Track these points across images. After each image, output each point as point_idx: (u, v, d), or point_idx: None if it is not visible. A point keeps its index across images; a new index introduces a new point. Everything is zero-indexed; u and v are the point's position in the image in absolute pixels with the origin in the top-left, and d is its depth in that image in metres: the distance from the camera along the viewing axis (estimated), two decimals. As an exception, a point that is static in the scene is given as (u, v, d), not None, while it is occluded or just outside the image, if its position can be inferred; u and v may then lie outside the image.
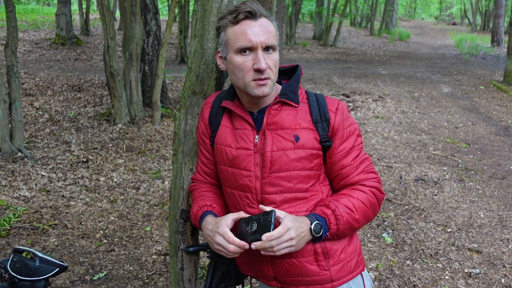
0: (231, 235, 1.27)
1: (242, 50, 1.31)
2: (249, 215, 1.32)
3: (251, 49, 1.30)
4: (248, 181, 1.38)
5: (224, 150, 1.42)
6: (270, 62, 1.31)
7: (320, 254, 1.37)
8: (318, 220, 1.32)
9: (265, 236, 1.21)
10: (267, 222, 1.23)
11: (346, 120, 1.39)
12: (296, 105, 1.38)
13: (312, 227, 1.30)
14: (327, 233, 1.33)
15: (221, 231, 1.28)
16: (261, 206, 1.32)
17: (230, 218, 1.33)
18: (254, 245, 1.23)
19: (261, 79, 1.30)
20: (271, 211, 1.24)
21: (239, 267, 1.57)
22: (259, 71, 1.29)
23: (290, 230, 1.24)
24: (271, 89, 1.33)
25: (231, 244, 1.27)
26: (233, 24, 1.32)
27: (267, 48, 1.31)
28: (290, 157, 1.34)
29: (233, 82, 1.39)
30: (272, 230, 1.21)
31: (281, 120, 1.37)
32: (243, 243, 1.26)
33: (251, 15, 1.30)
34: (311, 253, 1.37)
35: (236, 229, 1.35)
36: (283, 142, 1.35)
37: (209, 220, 1.38)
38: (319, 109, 1.38)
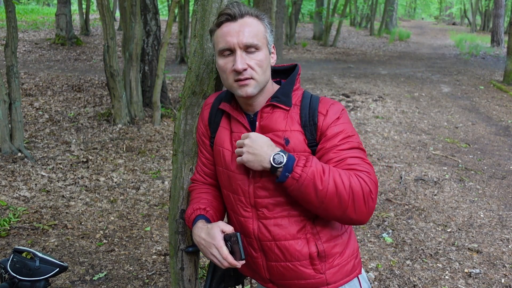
0: (225, 252, 1.29)
1: (223, 52, 1.32)
2: (227, 233, 1.32)
3: (231, 50, 1.31)
4: (242, 184, 1.38)
5: (222, 152, 1.42)
6: (252, 62, 1.30)
7: (315, 258, 1.37)
8: (284, 156, 1.24)
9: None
10: (236, 245, 1.30)
11: (335, 121, 1.32)
12: (288, 108, 1.36)
13: (274, 155, 1.24)
14: (289, 174, 1.23)
15: (217, 245, 1.30)
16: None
17: (220, 229, 1.33)
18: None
19: (240, 80, 1.31)
20: (236, 234, 1.29)
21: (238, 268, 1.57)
22: (236, 71, 1.30)
23: (249, 137, 1.28)
24: (255, 88, 1.32)
25: (225, 260, 1.30)
26: (217, 27, 1.34)
27: (249, 48, 1.30)
28: None
29: (223, 84, 1.41)
30: (243, 255, 1.29)
31: (272, 123, 1.36)
32: (235, 262, 1.29)
33: (231, 17, 1.31)
34: (306, 257, 1.37)
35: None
36: None
37: (201, 226, 1.37)
38: (309, 113, 1.34)
